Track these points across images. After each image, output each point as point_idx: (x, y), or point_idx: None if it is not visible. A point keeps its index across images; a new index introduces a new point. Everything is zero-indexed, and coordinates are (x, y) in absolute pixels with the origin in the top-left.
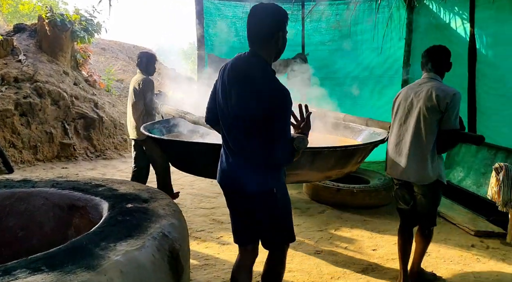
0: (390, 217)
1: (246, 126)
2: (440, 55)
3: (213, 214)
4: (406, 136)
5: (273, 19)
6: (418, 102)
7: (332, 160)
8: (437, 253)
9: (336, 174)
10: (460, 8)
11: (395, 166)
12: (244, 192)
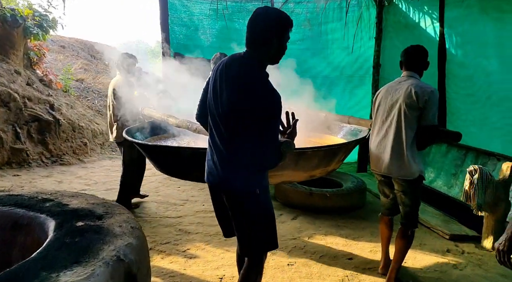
0: (364, 222)
1: (234, 126)
2: (418, 55)
3: (180, 224)
4: (387, 133)
5: (270, 25)
6: (398, 100)
7: (316, 159)
8: (414, 260)
9: (320, 173)
10: (429, 8)
11: (378, 162)
12: (227, 190)
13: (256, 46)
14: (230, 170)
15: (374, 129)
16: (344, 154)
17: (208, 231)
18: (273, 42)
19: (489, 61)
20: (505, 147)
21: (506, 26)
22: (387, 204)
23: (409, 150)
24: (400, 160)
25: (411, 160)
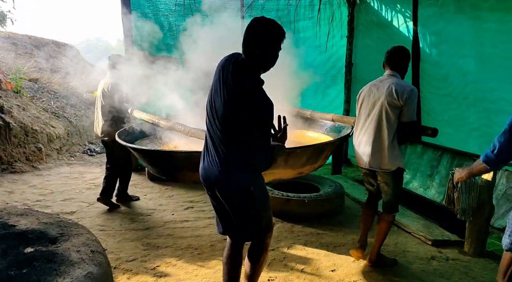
0: (344, 228)
1: (230, 130)
2: (400, 55)
3: (148, 237)
4: (369, 129)
5: (267, 37)
6: (380, 97)
7: (305, 157)
8: (398, 269)
9: (308, 170)
10: (402, 6)
11: (361, 157)
12: (222, 188)
13: (253, 55)
14: (225, 169)
15: (358, 126)
16: (330, 151)
17: (179, 244)
18: (268, 53)
19: (465, 61)
20: (482, 148)
21: (483, 25)
22: (373, 192)
23: (390, 145)
24: (381, 154)
25: (391, 155)
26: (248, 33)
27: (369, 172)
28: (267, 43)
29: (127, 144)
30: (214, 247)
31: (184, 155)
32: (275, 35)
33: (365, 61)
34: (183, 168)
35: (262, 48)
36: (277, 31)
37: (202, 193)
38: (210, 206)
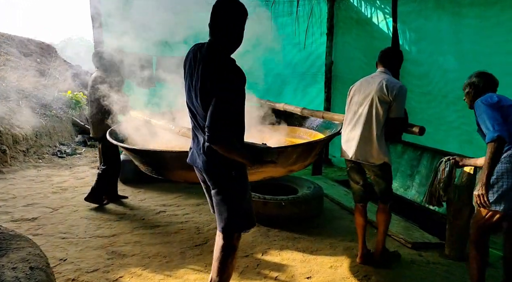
0: (322, 232)
1: (205, 110)
2: (394, 55)
3: (113, 244)
4: (358, 122)
5: (231, 17)
6: (371, 92)
7: (295, 155)
8: (378, 276)
9: (298, 167)
10: (382, 2)
11: (348, 148)
12: (205, 170)
13: (221, 35)
14: (207, 154)
15: (347, 119)
16: (320, 148)
17: (147, 252)
18: (234, 32)
19: (445, 58)
20: (462, 147)
21: (462, 21)
22: (358, 191)
23: (378, 139)
24: (368, 147)
25: (379, 148)
26: (214, 14)
27: (355, 166)
28: (233, 21)
29: (119, 144)
30: (185, 254)
31: (175, 154)
32: (240, 14)
33: (345, 59)
34: (174, 167)
35: (229, 27)
36: (241, 10)
37: (176, 195)
38: (184, 209)
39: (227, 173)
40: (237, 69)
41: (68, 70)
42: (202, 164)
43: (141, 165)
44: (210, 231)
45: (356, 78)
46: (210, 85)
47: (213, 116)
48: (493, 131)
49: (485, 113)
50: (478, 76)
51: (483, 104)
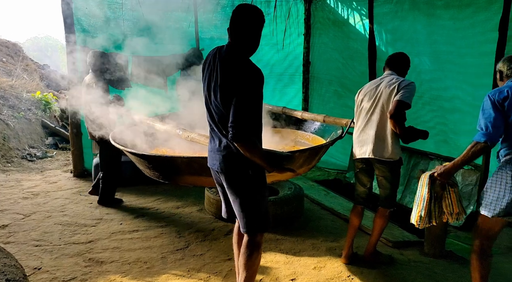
0: (304, 233)
1: (226, 113)
2: (403, 59)
3: (91, 251)
4: (372, 121)
5: (250, 20)
6: (381, 91)
7: (302, 159)
8: (361, 276)
9: (303, 170)
10: (358, 4)
11: (362, 147)
12: (223, 172)
13: (238, 38)
14: (224, 154)
15: (359, 121)
16: (324, 152)
17: (127, 258)
18: (252, 35)
19: (420, 59)
20: (438, 146)
21: (437, 22)
22: (362, 193)
23: (391, 135)
24: (383, 143)
25: (393, 144)
26: (234, 18)
27: (366, 167)
28: (252, 26)
29: (124, 148)
30: (166, 259)
31: (186, 160)
32: (258, 19)
33: (322, 60)
34: (183, 172)
35: (248, 31)
36: (259, 15)
37: (155, 199)
38: (163, 213)
39: (244, 171)
40: (256, 69)
41: (36, 70)
42: (218, 164)
43: (147, 170)
44: (191, 234)
45: (333, 79)
46: (230, 85)
47: (236, 114)
48: (484, 133)
49: (486, 110)
50: (504, 61)
51: (488, 99)
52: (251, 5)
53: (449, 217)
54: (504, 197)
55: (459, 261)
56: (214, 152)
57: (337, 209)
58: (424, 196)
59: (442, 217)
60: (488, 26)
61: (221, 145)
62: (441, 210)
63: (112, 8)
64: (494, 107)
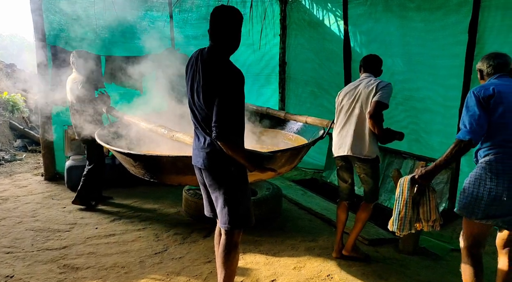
0: (283, 233)
1: (208, 112)
2: (375, 61)
3: (65, 257)
4: (351, 120)
5: (232, 20)
6: (360, 91)
7: (283, 159)
8: (340, 274)
9: (285, 170)
10: (333, 5)
11: (341, 145)
12: (205, 166)
13: (218, 40)
14: (208, 151)
15: (338, 119)
16: (306, 152)
17: (103, 263)
18: (232, 36)
19: (393, 60)
20: (410, 145)
21: (410, 24)
22: (345, 190)
23: (369, 134)
24: (362, 141)
25: (370, 142)
26: (213, 20)
27: (345, 165)
28: (231, 27)
29: (110, 147)
30: (144, 263)
31: (171, 159)
32: (237, 19)
33: (298, 60)
34: (168, 171)
35: (228, 32)
36: (238, 16)
37: (131, 201)
38: (140, 215)
39: (226, 169)
40: (237, 70)
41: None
42: (202, 161)
43: (132, 168)
44: (170, 237)
45: (309, 79)
46: (212, 86)
47: (219, 115)
48: (468, 131)
49: (470, 107)
50: (482, 59)
51: (473, 95)
52: (230, 6)
53: (424, 224)
54: (483, 199)
55: (432, 257)
56: (198, 149)
57: (315, 208)
58: (407, 201)
59: (417, 224)
60: (458, 28)
61: (205, 143)
62: (418, 216)
63: (83, 7)
64: (479, 105)
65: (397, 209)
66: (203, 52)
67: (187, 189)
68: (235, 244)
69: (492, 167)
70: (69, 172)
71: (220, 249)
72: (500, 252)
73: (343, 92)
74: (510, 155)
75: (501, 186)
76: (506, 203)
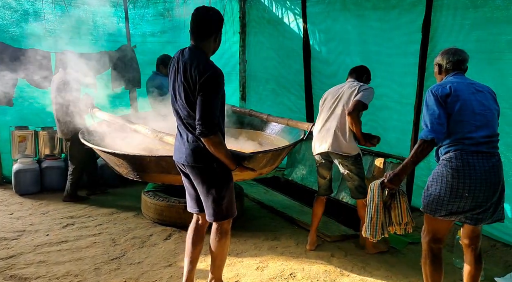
0: (245, 233)
1: (189, 107)
2: (363, 70)
3: (12, 267)
4: (332, 118)
5: (213, 21)
6: (343, 92)
7: (265, 160)
8: (302, 272)
9: (267, 170)
10: (292, 3)
11: (322, 142)
12: (190, 165)
13: (200, 40)
14: (191, 148)
15: (321, 116)
16: (286, 153)
17: (55, 272)
18: (217, 35)
19: (352, 59)
20: None
21: (366, 23)
22: (324, 185)
23: (349, 132)
24: (341, 138)
25: (350, 140)
26: (194, 21)
27: (325, 162)
28: (212, 27)
29: (93, 146)
30: (100, 270)
31: (154, 158)
32: (218, 20)
33: (259, 58)
34: (152, 170)
35: (209, 32)
36: (218, 16)
37: (86, 205)
38: (96, 220)
39: (209, 164)
40: (218, 69)
41: None
42: (185, 158)
43: (116, 167)
44: (128, 241)
45: (270, 77)
46: (193, 85)
47: (202, 112)
48: (430, 130)
49: (430, 106)
50: (442, 54)
51: (431, 94)
52: (212, 7)
53: (397, 227)
54: (445, 196)
55: (390, 251)
56: (181, 146)
57: (277, 207)
58: (377, 206)
59: (389, 228)
60: (412, 27)
61: (188, 140)
62: (390, 220)
63: (31, 1)
64: (437, 104)
65: (369, 215)
66: (184, 52)
67: (146, 190)
68: (225, 231)
69: (453, 164)
70: (16, 176)
71: (212, 237)
72: (466, 250)
73: (327, 93)
74: (469, 152)
75: (462, 182)
76: (468, 199)
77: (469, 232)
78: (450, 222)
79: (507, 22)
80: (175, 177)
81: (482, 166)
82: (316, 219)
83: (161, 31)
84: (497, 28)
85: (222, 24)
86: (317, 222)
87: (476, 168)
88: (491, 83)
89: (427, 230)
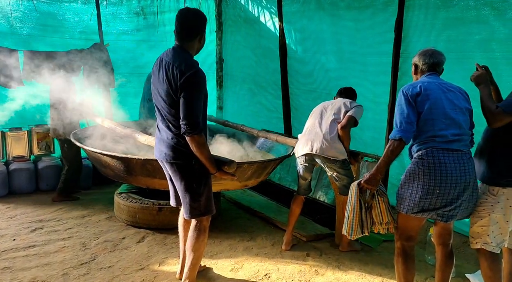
0: (221, 234)
1: (170, 105)
2: (350, 91)
3: None
4: (322, 123)
5: (198, 22)
6: (334, 103)
7: (250, 172)
8: (277, 273)
9: (252, 183)
10: (268, 2)
11: (308, 143)
12: (169, 162)
13: (184, 40)
14: (172, 146)
15: (308, 123)
16: (272, 168)
17: (20, 279)
18: (202, 35)
19: (327, 58)
20: None
21: (341, 22)
22: (304, 185)
23: (337, 138)
24: (331, 143)
25: (340, 145)
26: (179, 21)
27: (308, 166)
28: (196, 28)
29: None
30: (68, 276)
31: (140, 161)
32: (202, 21)
33: (235, 57)
34: (137, 173)
35: (193, 33)
36: (202, 17)
37: (56, 208)
38: (66, 223)
39: (188, 161)
40: (199, 70)
41: None
42: (164, 155)
43: (103, 168)
44: (99, 245)
45: (246, 77)
46: (175, 84)
47: (186, 112)
48: (398, 130)
49: (400, 106)
50: (419, 55)
51: (402, 94)
52: (196, 9)
53: (379, 227)
54: (417, 193)
55: (364, 249)
56: (161, 143)
57: (254, 207)
58: (354, 205)
59: (373, 227)
60: (385, 27)
61: (168, 138)
62: (372, 220)
63: None
64: (407, 103)
65: (346, 213)
66: (168, 52)
67: (118, 192)
68: (204, 229)
69: (424, 162)
70: None
71: (189, 234)
72: (438, 246)
73: (320, 104)
74: (440, 149)
75: (433, 180)
76: (439, 196)
77: (441, 229)
78: (422, 219)
79: (477, 22)
80: (160, 181)
81: (452, 163)
82: (293, 218)
83: (135, 29)
84: (467, 27)
85: (205, 24)
86: (294, 221)
87: (447, 165)
88: (461, 82)
89: (400, 228)
